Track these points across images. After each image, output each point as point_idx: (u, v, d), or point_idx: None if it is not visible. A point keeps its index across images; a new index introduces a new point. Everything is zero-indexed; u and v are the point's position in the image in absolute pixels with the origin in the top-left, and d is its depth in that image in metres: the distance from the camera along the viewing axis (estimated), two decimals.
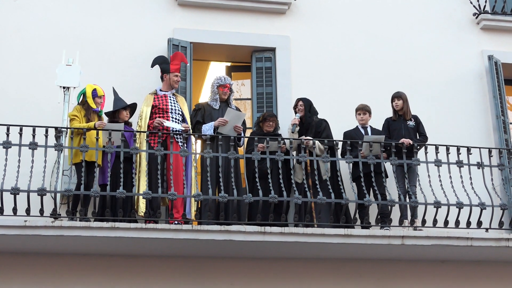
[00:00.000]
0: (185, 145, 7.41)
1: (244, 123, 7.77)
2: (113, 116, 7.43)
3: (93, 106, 7.24)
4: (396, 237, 7.07)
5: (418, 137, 7.95)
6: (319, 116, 8.02)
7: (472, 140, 8.39)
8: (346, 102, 8.39)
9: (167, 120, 7.43)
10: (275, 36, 8.81)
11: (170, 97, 7.64)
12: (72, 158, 7.01)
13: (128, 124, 7.50)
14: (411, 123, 8.01)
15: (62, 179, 6.91)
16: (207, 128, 7.58)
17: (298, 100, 7.98)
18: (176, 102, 7.66)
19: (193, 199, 7.11)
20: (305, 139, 7.42)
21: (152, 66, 7.81)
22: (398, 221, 7.40)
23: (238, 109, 7.93)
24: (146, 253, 7.13)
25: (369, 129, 8.02)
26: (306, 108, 7.89)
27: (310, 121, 7.87)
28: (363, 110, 8.04)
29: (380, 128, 8.07)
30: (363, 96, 8.45)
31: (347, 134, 7.92)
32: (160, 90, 7.71)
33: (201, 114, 7.74)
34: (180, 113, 7.61)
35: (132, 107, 7.56)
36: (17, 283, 6.93)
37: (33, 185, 6.51)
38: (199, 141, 7.88)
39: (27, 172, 6.53)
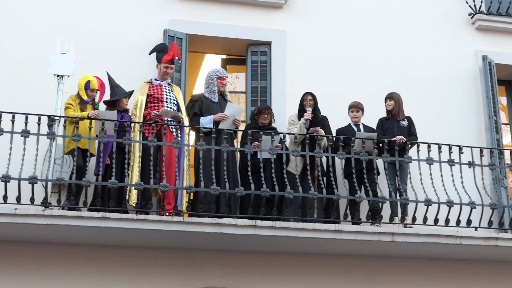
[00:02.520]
0: (179, 135, 7.39)
1: None
2: (114, 104, 7.38)
3: (84, 97, 7.21)
4: (386, 234, 7.10)
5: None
6: None
7: (464, 139, 8.41)
8: (340, 97, 8.41)
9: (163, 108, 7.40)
10: (271, 30, 8.81)
11: (165, 86, 7.62)
12: (65, 146, 6.98)
13: (127, 111, 7.47)
14: (404, 123, 8.03)
15: (53, 168, 6.89)
16: (206, 122, 7.56)
17: (307, 94, 7.91)
18: (172, 91, 7.63)
19: (184, 191, 7.11)
20: (316, 130, 7.54)
21: (150, 53, 7.78)
22: (388, 218, 7.42)
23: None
24: (136, 244, 7.13)
25: (361, 126, 8.04)
26: (315, 102, 7.90)
27: (317, 116, 7.88)
28: (356, 108, 8.06)
29: (373, 126, 8.08)
30: (357, 92, 8.49)
31: (339, 131, 7.93)
32: (155, 79, 7.69)
33: (198, 106, 7.70)
34: (175, 102, 7.58)
35: (131, 95, 7.54)
36: (7, 271, 6.91)
37: (24, 173, 6.48)
38: (193, 133, 7.86)
39: (18, 160, 6.50)
